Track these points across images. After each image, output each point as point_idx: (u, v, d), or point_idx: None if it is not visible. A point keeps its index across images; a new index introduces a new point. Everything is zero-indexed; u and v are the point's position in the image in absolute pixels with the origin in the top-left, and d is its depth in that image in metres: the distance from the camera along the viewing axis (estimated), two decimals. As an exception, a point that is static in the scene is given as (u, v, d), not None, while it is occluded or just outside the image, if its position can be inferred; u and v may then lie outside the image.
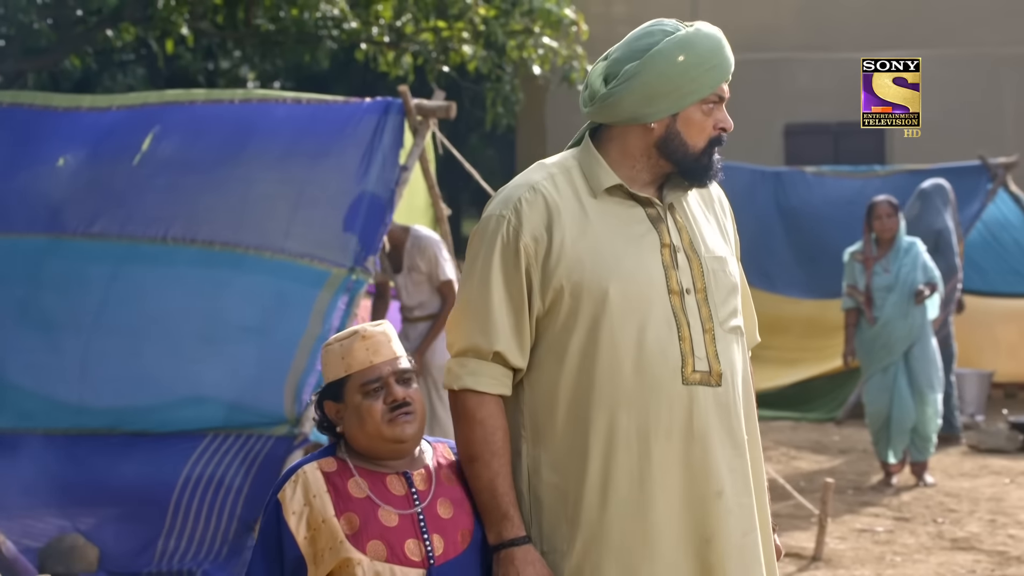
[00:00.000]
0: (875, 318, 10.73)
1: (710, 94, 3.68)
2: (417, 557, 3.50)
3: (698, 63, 3.66)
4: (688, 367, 3.57)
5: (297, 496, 3.49)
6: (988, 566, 8.32)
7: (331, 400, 3.57)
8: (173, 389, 8.59)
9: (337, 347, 3.55)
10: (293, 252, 8.68)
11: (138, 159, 9.08)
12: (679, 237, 3.66)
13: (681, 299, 3.60)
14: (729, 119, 3.73)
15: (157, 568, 8.01)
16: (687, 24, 3.78)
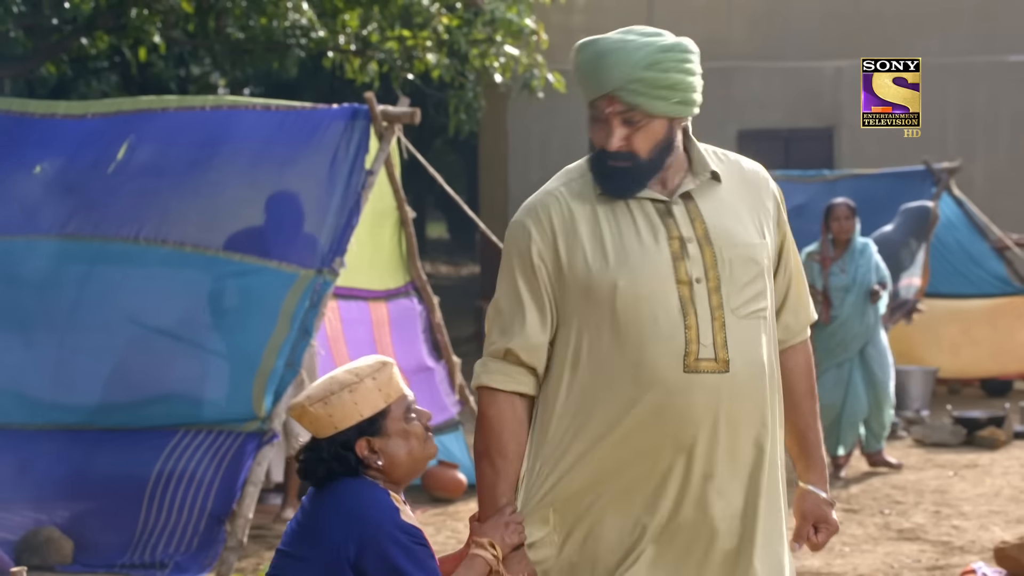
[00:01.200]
0: (833, 317, 10.76)
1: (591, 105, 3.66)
2: None
3: (576, 70, 3.68)
4: (691, 356, 3.55)
5: (407, 512, 3.45)
6: (933, 556, 8.35)
7: (367, 436, 3.46)
8: (145, 386, 8.56)
9: (370, 382, 3.44)
10: (261, 254, 8.66)
11: (112, 167, 9.06)
12: (691, 228, 3.62)
13: (690, 288, 3.57)
14: (601, 138, 3.62)
15: (131, 560, 7.98)
16: (625, 33, 3.69)
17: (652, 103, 3.58)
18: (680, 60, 3.62)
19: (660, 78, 3.58)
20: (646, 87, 3.57)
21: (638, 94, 3.57)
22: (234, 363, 8.41)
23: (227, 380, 8.41)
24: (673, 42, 3.66)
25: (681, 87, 3.63)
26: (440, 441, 10.00)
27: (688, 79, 3.65)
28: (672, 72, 3.60)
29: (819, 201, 15.41)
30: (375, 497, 3.43)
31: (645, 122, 3.60)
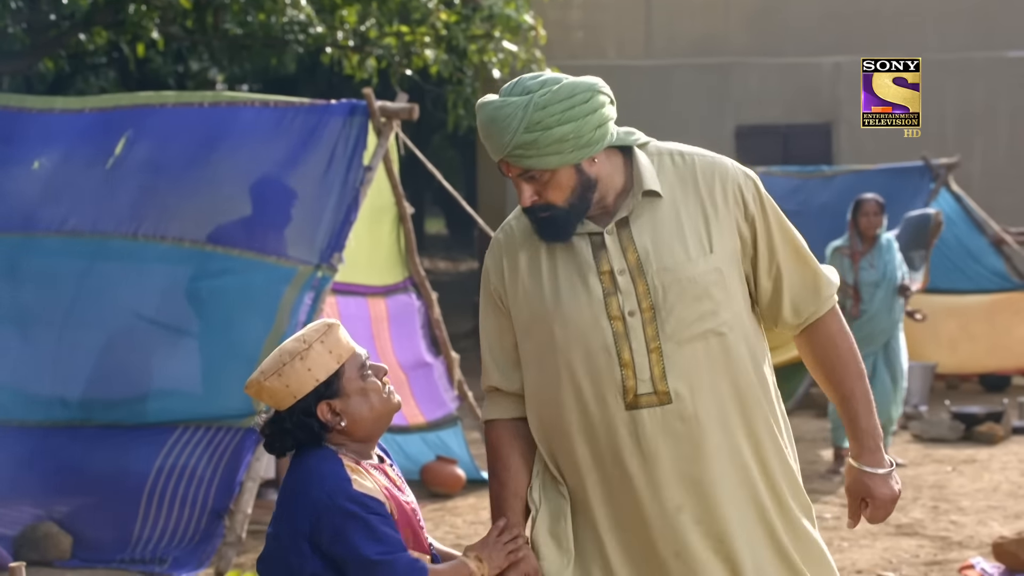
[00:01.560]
0: (862, 312, 10.80)
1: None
2: (422, 545, 3.50)
3: (479, 128, 3.56)
4: (630, 393, 3.52)
5: (366, 483, 3.40)
6: (931, 551, 8.35)
7: (327, 400, 3.46)
8: (143, 382, 8.57)
9: (319, 346, 3.44)
10: (260, 249, 8.67)
11: (111, 163, 9.06)
12: (623, 258, 3.53)
13: (623, 323, 3.51)
14: (521, 196, 3.53)
15: (131, 555, 7.98)
16: (508, 93, 3.51)
17: (543, 161, 3.46)
18: (564, 110, 3.43)
19: (543, 137, 3.42)
20: (532, 149, 3.44)
21: (526, 157, 3.45)
22: (233, 359, 8.41)
23: (226, 376, 8.41)
24: (552, 94, 3.46)
25: (571, 137, 3.44)
26: (439, 436, 10.00)
27: (577, 125, 3.45)
28: (556, 127, 3.42)
29: (817, 197, 15.45)
30: (325, 470, 3.42)
31: (548, 176, 3.48)
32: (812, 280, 3.67)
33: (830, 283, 3.69)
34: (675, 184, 3.59)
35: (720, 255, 3.56)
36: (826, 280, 3.69)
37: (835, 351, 3.65)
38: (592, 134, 3.47)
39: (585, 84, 3.50)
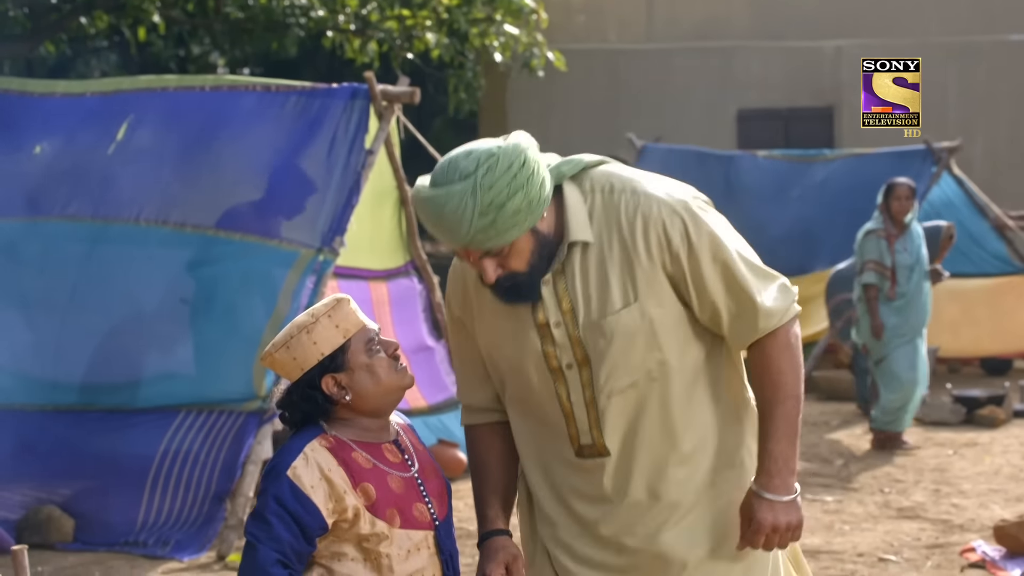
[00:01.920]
0: (899, 295, 10.85)
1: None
2: (424, 519, 3.51)
3: (421, 219, 3.46)
4: (575, 442, 3.56)
5: (312, 472, 3.41)
6: (932, 534, 8.36)
7: (331, 374, 3.48)
8: (145, 366, 8.58)
9: (326, 320, 3.46)
10: (262, 233, 8.68)
11: (112, 148, 9.06)
12: (558, 309, 3.49)
13: (562, 375, 3.52)
14: (484, 275, 3.43)
15: (133, 538, 8.00)
16: (448, 178, 3.37)
17: (504, 237, 3.37)
18: (510, 182, 3.33)
19: (500, 216, 3.32)
20: (491, 231, 3.34)
21: (487, 240, 3.36)
22: (235, 343, 8.43)
23: (228, 360, 8.42)
24: (493, 170, 3.33)
25: (524, 206, 3.35)
26: (440, 420, 10.01)
27: (526, 191, 3.35)
28: (508, 202, 3.32)
29: (819, 181, 15.44)
30: (293, 444, 3.47)
31: (508, 248, 3.40)
32: (749, 315, 3.51)
33: (769, 314, 3.51)
34: (603, 227, 3.49)
35: (648, 301, 3.47)
36: (764, 312, 3.51)
37: (767, 372, 3.54)
38: (539, 194, 3.37)
39: (516, 146, 3.37)
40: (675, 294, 3.49)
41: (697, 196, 3.56)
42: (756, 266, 3.54)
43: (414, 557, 3.49)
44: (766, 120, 22.00)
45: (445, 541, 3.55)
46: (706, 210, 3.53)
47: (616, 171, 3.56)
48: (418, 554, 3.50)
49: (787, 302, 3.54)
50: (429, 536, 3.53)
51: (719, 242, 3.48)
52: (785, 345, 3.54)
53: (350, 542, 3.46)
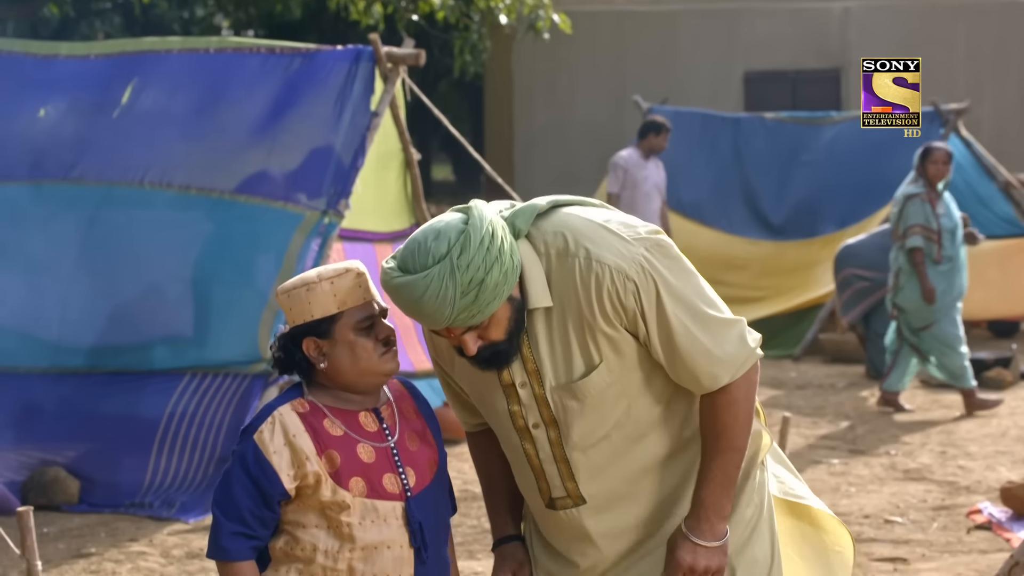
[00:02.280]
0: (946, 258, 10.86)
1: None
2: (395, 490, 3.50)
3: (396, 305, 3.39)
4: (546, 495, 3.58)
5: (276, 437, 3.45)
6: (939, 495, 8.37)
7: (316, 337, 3.49)
8: (151, 329, 8.60)
9: (327, 285, 3.46)
10: (268, 195, 8.68)
11: (117, 112, 9.06)
12: (524, 371, 3.47)
13: (529, 434, 3.53)
14: (465, 348, 3.38)
15: (140, 500, 8.03)
16: (421, 260, 3.29)
17: (485, 312, 3.33)
18: (484, 256, 3.28)
19: (481, 292, 3.29)
20: (474, 308, 3.30)
21: (470, 318, 3.32)
22: (240, 305, 8.44)
23: (233, 322, 8.44)
24: (466, 248, 3.27)
25: (502, 278, 3.31)
26: (446, 383, 10.02)
27: (501, 263, 3.31)
28: (486, 276, 3.28)
29: (826, 143, 15.41)
30: (267, 406, 3.51)
31: (488, 320, 3.37)
32: (696, 375, 3.47)
33: (714, 376, 3.46)
34: (560, 290, 3.44)
35: (611, 359, 3.46)
36: (709, 375, 3.46)
37: (712, 423, 3.51)
38: (512, 262, 3.32)
39: (482, 218, 3.32)
40: (635, 343, 3.47)
41: (651, 242, 3.44)
42: (711, 317, 3.46)
43: (380, 527, 3.48)
44: (773, 83, 21.95)
45: (415, 512, 3.52)
46: (661, 261, 3.43)
47: (567, 225, 3.45)
48: (384, 524, 3.48)
49: (742, 354, 3.48)
50: (398, 507, 3.51)
51: (669, 303, 3.41)
52: (731, 402, 3.49)
53: (313, 509, 3.47)
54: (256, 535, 3.48)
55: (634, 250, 3.40)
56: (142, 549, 7.43)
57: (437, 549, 3.58)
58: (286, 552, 3.51)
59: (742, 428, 3.52)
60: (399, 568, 3.51)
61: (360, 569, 3.48)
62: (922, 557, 7.21)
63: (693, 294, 3.44)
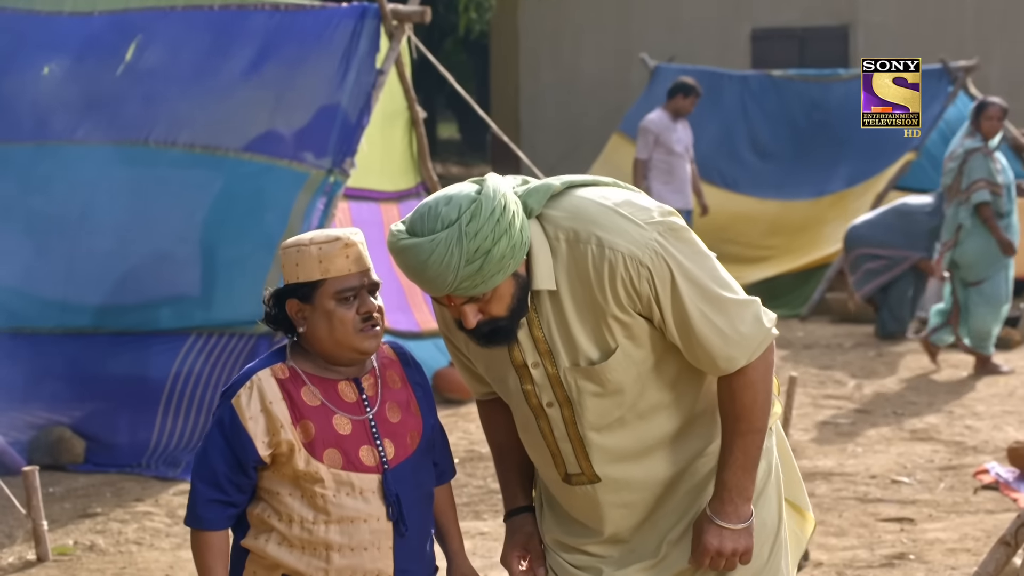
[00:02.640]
0: (1007, 212, 10.87)
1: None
2: (371, 462, 3.48)
3: (400, 268, 3.37)
4: (562, 471, 3.58)
5: (253, 402, 3.44)
6: (946, 455, 8.38)
7: (297, 299, 3.48)
8: (156, 288, 8.60)
9: (315, 249, 3.44)
10: (273, 154, 8.67)
11: (121, 70, 9.05)
12: (535, 351, 3.47)
13: (544, 412, 3.52)
14: (465, 320, 3.36)
15: (146, 460, 8.05)
16: (432, 225, 3.29)
17: (489, 283, 3.32)
18: (494, 227, 3.28)
19: (487, 262, 3.28)
20: (477, 278, 3.29)
21: (472, 287, 3.31)
22: (245, 264, 8.44)
23: (239, 281, 8.44)
24: (477, 216, 3.27)
25: (509, 251, 3.30)
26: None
27: (510, 236, 3.31)
28: (494, 247, 3.28)
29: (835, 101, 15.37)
30: (247, 369, 3.52)
31: (490, 294, 3.35)
32: (712, 358, 3.46)
33: (730, 358, 3.47)
34: (573, 275, 3.43)
35: (626, 345, 3.46)
36: (725, 357, 3.46)
37: (731, 405, 3.52)
38: (521, 237, 3.32)
39: (495, 190, 3.32)
40: (649, 327, 3.46)
41: (664, 226, 3.42)
42: (727, 300, 3.45)
43: (356, 500, 3.47)
44: (780, 40, 21.88)
45: (393, 485, 3.50)
46: (675, 245, 3.42)
47: (579, 210, 3.44)
48: (360, 497, 3.48)
49: (758, 335, 3.48)
50: (375, 479, 3.49)
51: (684, 287, 3.41)
52: (749, 383, 3.50)
53: (288, 478, 3.47)
54: (232, 501, 3.48)
55: (647, 235, 3.39)
56: (148, 509, 7.45)
57: (417, 521, 3.57)
58: (263, 520, 3.51)
59: (761, 409, 3.52)
60: (377, 541, 3.50)
61: (337, 542, 3.47)
62: (929, 517, 7.22)
63: (707, 277, 3.43)
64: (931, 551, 6.66)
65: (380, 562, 3.51)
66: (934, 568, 6.42)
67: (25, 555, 6.71)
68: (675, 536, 3.61)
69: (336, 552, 3.48)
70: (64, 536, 7.02)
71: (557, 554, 3.69)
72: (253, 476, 3.47)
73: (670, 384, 3.55)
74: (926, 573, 6.35)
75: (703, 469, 3.61)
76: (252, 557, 3.55)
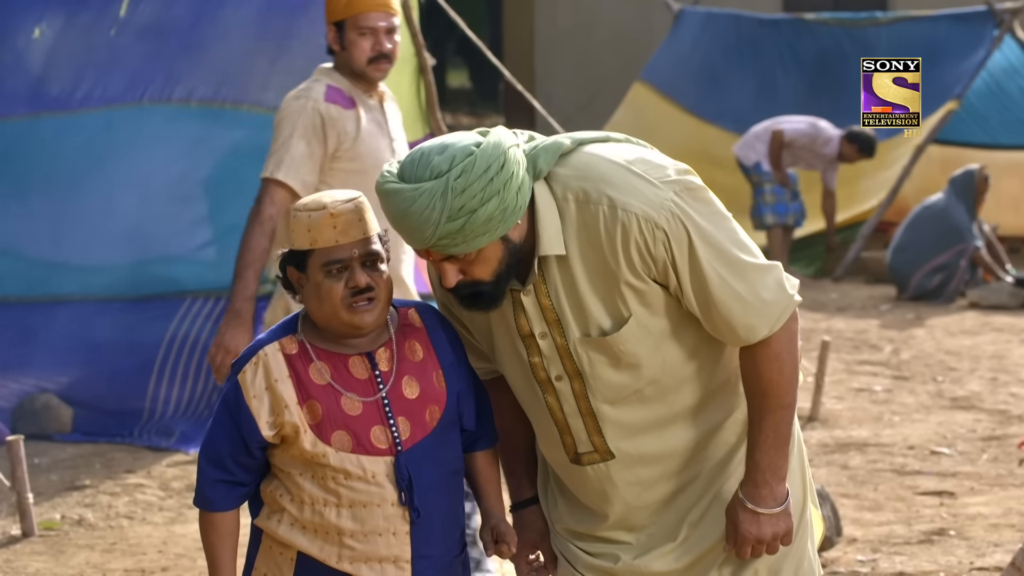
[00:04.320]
0: None
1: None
2: (384, 444, 3.45)
3: (384, 211, 3.34)
4: (571, 450, 3.54)
5: (258, 380, 3.43)
6: (989, 425, 8.39)
7: (294, 267, 3.47)
8: (150, 250, 8.62)
9: (304, 217, 3.42)
10: (272, 105, 8.67)
11: (115, 29, 9.04)
12: (543, 320, 3.44)
13: (552, 386, 3.49)
14: (444, 278, 3.34)
15: (137, 430, 8.07)
16: (420, 172, 3.24)
17: (472, 244, 3.28)
18: (485, 186, 3.23)
19: (470, 222, 3.24)
20: (458, 237, 3.26)
21: (452, 245, 3.27)
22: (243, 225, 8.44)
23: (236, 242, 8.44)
24: (468, 173, 3.23)
25: (498, 214, 3.26)
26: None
27: (501, 198, 3.26)
28: (480, 208, 3.24)
29: (871, 46, 15.30)
30: (257, 341, 3.51)
31: (474, 255, 3.31)
32: (733, 327, 3.43)
33: (752, 327, 3.43)
34: (583, 239, 3.40)
35: (640, 313, 3.43)
36: (746, 326, 3.43)
37: (756, 380, 3.49)
38: (515, 200, 3.28)
39: (496, 146, 3.27)
40: (665, 294, 3.43)
41: (681, 185, 3.39)
42: (747, 264, 3.41)
43: (367, 484, 3.45)
44: (814, -20, 21.79)
45: (405, 467, 3.46)
46: (692, 205, 3.38)
47: (590, 168, 3.40)
48: (372, 481, 3.45)
49: (780, 302, 3.45)
50: (387, 462, 3.46)
51: (703, 250, 3.37)
52: (774, 356, 3.48)
53: (298, 459, 3.46)
54: (239, 480, 3.48)
55: (662, 195, 3.35)
56: (139, 481, 7.48)
57: (439, 504, 3.52)
58: (275, 499, 3.51)
59: (789, 382, 3.50)
60: (392, 526, 3.48)
61: (349, 528, 3.46)
62: (970, 491, 7.23)
63: (727, 240, 3.39)
64: (972, 526, 6.67)
65: (396, 548, 3.49)
66: (975, 545, 6.43)
67: (9, 530, 6.75)
68: (696, 516, 3.59)
69: (349, 537, 3.47)
70: (51, 510, 7.05)
71: (571, 542, 3.67)
72: (259, 456, 3.47)
73: (688, 355, 3.51)
74: (967, 550, 6.36)
75: (724, 444, 3.59)
76: (267, 534, 3.56)
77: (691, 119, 15.91)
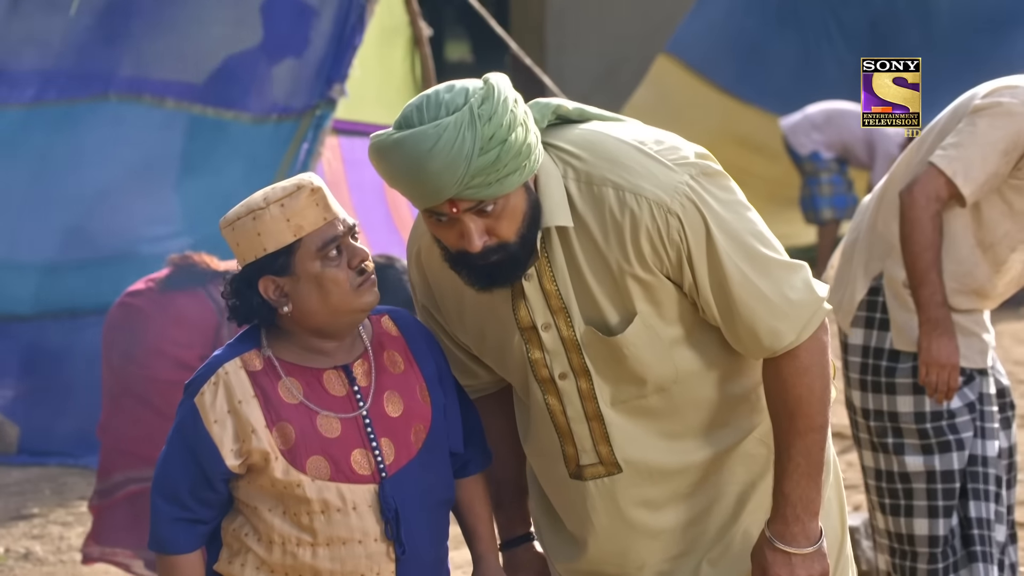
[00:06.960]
0: None
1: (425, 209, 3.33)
2: (366, 470, 3.38)
3: (384, 175, 3.30)
4: (572, 463, 3.50)
5: (219, 402, 3.34)
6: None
7: (273, 275, 3.34)
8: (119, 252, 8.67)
9: (276, 209, 3.31)
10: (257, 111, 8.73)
11: (75, 7, 9.07)
12: (547, 309, 3.41)
13: (554, 386, 3.46)
14: (455, 241, 3.29)
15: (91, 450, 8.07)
16: (432, 114, 3.22)
17: (504, 184, 3.24)
18: (508, 111, 3.23)
19: (504, 151, 3.21)
20: (492, 173, 3.21)
21: (485, 185, 3.22)
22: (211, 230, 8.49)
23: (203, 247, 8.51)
24: (489, 99, 3.22)
25: (526, 148, 3.24)
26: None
27: (525, 127, 3.26)
28: (511, 135, 3.21)
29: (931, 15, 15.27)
30: (215, 358, 3.42)
31: (501, 204, 3.27)
32: (750, 334, 3.40)
33: (776, 333, 3.39)
34: (590, 221, 3.37)
35: (647, 311, 3.40)
36: (770, 331, 3.39)
37: (782, 398, 3.44)
38: (534, 138, 3.28)
39: (503, 77, 3.29)
40: (678, 293, 3.40)
41: (698, 168, 3.37)
42: (771, 260, 3.38)
43: (347, 517, 3.39)
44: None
45: (391, 496, 3.40)
46: (710, 191, 3.35)
47: (596, 145, 3.39)
48: (353, 513, 3.39)
49: (809, 305, 3.40)
50: (371, 491, 3.40)
51: (722, 241, 3.34)
52: (802, 370, 3.43)
53: (266, 490, 3.39)
54: (201, 519, 3.42)
55: (677, 178, 3.32)
56: (95, 510, 7.47)
57: (427, 535, 3.47)
58: (239, 538, 3.44)
59: (820, 401, 3.44)
60: (376, 565, 3.41)
61: (327, 569, 3.40)
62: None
63: (748, 232, 3.36)
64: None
65: None
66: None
67: (-54, 566, 6.74)
68: (716, 555, 3.55)
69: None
70: (-6, 542, 7.05)
71: None
72: (222, 490, 3.40)
73: (701, 363, 3.48)
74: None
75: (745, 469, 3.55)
76: None
77: (726, 98, 15.87)
